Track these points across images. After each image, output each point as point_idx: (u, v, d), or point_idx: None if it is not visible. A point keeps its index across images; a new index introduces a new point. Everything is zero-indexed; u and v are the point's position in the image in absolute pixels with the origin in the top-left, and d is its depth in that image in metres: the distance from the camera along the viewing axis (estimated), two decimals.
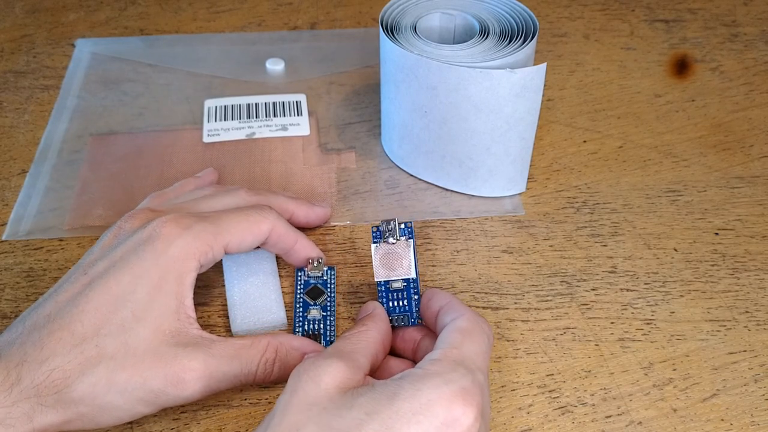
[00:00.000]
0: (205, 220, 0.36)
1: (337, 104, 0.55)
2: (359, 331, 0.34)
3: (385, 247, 0.37)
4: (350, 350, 0.32)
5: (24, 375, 0.30)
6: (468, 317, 0.33)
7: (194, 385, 0.32)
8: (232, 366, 0.33)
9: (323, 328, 0.38)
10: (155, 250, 0.34)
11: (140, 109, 0.54)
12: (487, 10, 0.46)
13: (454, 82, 0.41)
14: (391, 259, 0.36)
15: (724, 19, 0.64)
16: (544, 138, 0.51)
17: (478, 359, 0.31)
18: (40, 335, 0.31)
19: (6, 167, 0.49)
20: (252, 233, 0.37)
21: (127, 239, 0.35)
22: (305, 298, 0.40)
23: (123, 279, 0.33)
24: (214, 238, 0.35)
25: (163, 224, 0.34)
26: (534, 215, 0.46)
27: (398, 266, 0.36)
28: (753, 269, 0.42)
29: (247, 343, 0.34)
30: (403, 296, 0.37)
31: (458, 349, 0.31)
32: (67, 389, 0.30)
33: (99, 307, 0.32)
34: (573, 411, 0.36)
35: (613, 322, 0.40)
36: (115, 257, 0.34)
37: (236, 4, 0.66)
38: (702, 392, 0.36)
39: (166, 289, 0.33)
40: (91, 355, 0.31)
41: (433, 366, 0.30)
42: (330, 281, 0.41)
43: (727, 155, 0.50)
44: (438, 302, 0.35)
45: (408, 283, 0.37)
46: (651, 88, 0.56)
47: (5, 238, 0.44)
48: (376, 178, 0.49)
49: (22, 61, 0.59)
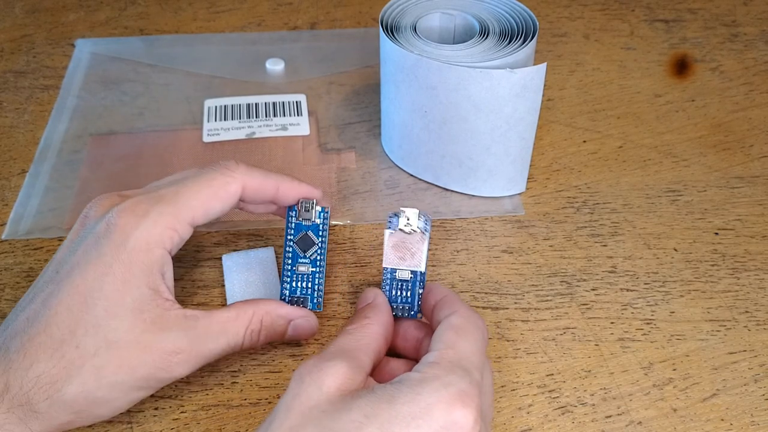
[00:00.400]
0: (161, 200, 0.34)
1: (337, 104, 0.55)
2: (361, 325, 0.33)
3: (399, 235, 0.36)
4: (353, 348, 0.31)
5: (12, 382, 0.30)
6: (461, 313, 0.32)
7: (183, 366, 0.32)
8: (218, 342, 0.33)
9: (311, 287, 0.37)
10: (114, 243, 0.32)
11: (140, 109, 0.54)
12: (487, 10, 0.46)
13: (454, 82, 0.41)
14: (404, 248, 0.36)
15: (724, 19, 0.64)
16: (544, 138, 0.51)
17: (474, 357, 0.31)
18: (21, 341, 0.31)
19: (6, 167, 0.49)
20: (219, 199, 0.35)
21: (89, 233, 0.33)
22: (295, 247, 0.38)
23: (88, 277, 0.32)
24: (175, 218, 0.34)
25: (119, 215, 0.33)
26: (534, 215, 0.46)
27: (409, 257, 0.36)
28: (753, 269, 0.42)
29: (232, 315, 0.34)
30: (407, 287, 0.36)
31: (453, 349, 0.30)
32: (58, 393, 0.30)
33: (71, 307, 0.31)
34: (573, 411, 0.36)
35: (613, 322, 0.40)
36: (78, 254, 0.33)
37: (236, 4, 0.66)
38: (702, 392, 0.36)
39: (135, 282, 0.32)
40: (73, 357, 0.31)
41: (431, 369, 0.29)
42: (323, 226, 0.38)
43: (727, 155, 0.50)
44: (435, 296, 0.35)
45: (415, 276, 0.36)
46: (651, 88, 0.56)
47: (5, 238, 0.44)
48: (376, 178, 0.49)
49: (22, 61, 0.59)
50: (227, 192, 0.35)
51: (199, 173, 0.36)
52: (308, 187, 0.38)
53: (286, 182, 0.37)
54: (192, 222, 0.35)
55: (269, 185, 0.37)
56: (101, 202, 0.35)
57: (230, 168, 0.36)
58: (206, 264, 0.43)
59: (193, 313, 0.33)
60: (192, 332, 0.33)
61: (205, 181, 0.35)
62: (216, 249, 0.43)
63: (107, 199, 0.35)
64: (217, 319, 0.34)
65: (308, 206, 0.38)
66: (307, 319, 0.37)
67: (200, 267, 0.42)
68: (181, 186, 0.35)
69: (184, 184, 0.35)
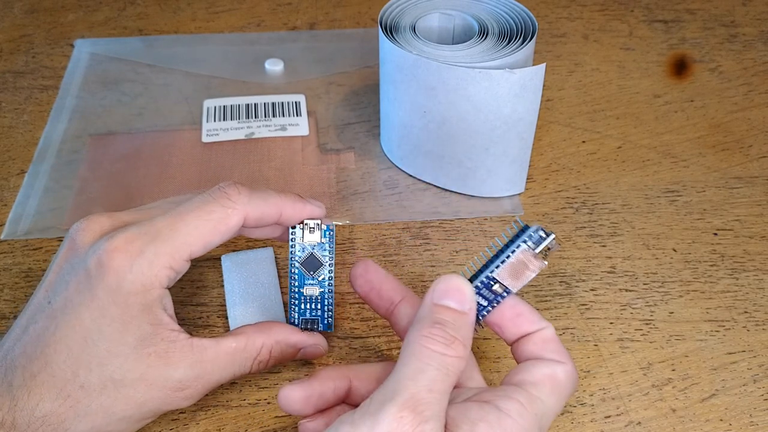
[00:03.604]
0: (157, 237, 0.31)
1: (337, 104, 0.55)
2: (456, 357, 0.28)
3: (529, 256, 0.31)
4: (442, 396, 0.28)
5: (19, 420, 0.29)
6: (568, 370, 0.30)
7: (189, 400, 0.32)
8: (225, 373, 0.33)
9: (320, 308, 0.36)
10: (108, 287, 0.30)
11: (139, 110, 0.54)
12: (486, 10, 0.46)
13: (453, 82, 0.41)
14: (522, 269, 0.32)
15: (723, 20, 0.64)
16: (543, 138, 0.51)
17: (551, 418, 0.29)
18: (23, 377, 0.30)
19: (5, 167, 0.49)
20: (218, 232, 0.32)
21: (79, 266, 0.31)
22: (301, 269, 0.35)
23: (84, 318, 0.30)
24: (171, 257, 0.31)
25: (110, 255, 0.30)
26: (533, 215, 0.46)
27: (513, 278, 0.32)
28: (752, 269, 0.42)
29: (240, 346, 0.33)
30: (490, 300, 0.32)
31: (543, 403, 0.28)
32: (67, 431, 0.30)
33: (71, 346, 0.30)
34: (572, 411, 0.36)
35: (612, 323, 0.40)
36: (71, 290, 0.31)
37: (235, 5, 0.66)
38: (701, 392, 0.36)
39: (135, 323, 0.31)
40: (79, 397, 0.30)
41: (522, 419, 0.28)
42: (329, 244, 0.36)
43: (726, 155, 0.50)
44: (534, 325, 0.31)
45: (505, 293, 0.32)
46: (650, 89, 0.56)
47: (4, 238, 0.44)
48: (375, 178, 0.49)
49: (21, 62, 0.59)
50: (227, 226, 0.33)
51: (197, 202, 0.33)
52: (312, 206, 0.35)
53: (288, 206, 0.34)
54: (189, 257, 0.32)
55: (272, 212, 0.34)
56: (89, 225, 0.33)
57: (231, 197, 0.33)
58: (205, 264, 0.43)
59: (200, 343, 0.32)
60: (199, 366, 0.31)
61: (204, 213, 0.32)
62: (215, 249, 0.43)
63: (95, 223, 0.33)
64: (225, 349, 0.32)
65: (312, 227, 0.35)
66: (317, 346, 0.36)
67: (199, 267, 0.42)
68: (178, 219, 0.32)
69: (182, 216, 0.32)
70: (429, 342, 0.28)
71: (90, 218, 0.33)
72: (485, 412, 0.28)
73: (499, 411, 0.28)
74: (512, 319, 0.32)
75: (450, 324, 0.29)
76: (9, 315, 0.40)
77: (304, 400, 0.31)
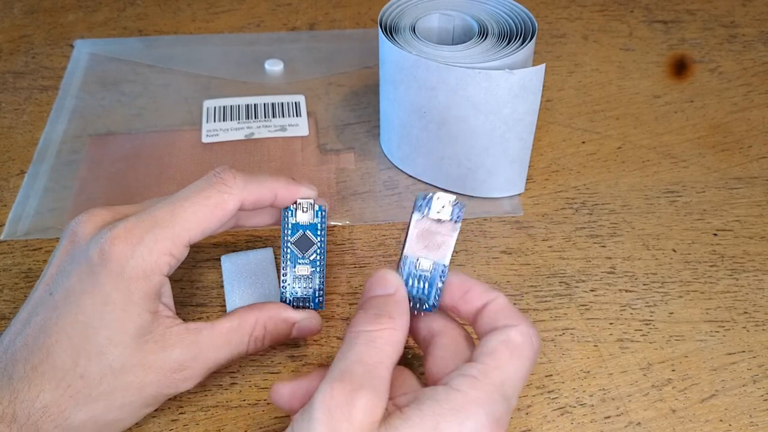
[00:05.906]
0: (156, 224, 0.32)
1: (336, 105, 0.55)
2: (382, 328, 0.29)
3: (428, 222, 0.32)
4: (376, 363, 0.28)
5: (19, 412, 0.30)
6: (522, 330, 0.30)
7: (188, 381, 0.33)
8: (222, 353, 0.33)
9: (312, 287, 0.36)
10: (111, 273, 0.31)
11: (139, 110, 0.54)
12: (486, 10, 0.46)
13: (453, 82, 0.41)
14: (431, 238, 0.32)
15: (723, 20, 0.64)
16: (542, 139, 0.51)
17: (519, 383, 0.29)
18: (24, 369, 0.30)
19: (4, 168, 0.49)
20: (216, 218, 0.33)
21: (81, 257, 0.32)
22: (293, 248, 0.36)
23: (86, 306, 0.31)
24: (171, 243, 0.32)
25: (112, 243, 0.31)
26: (533, 216, 0.46)
27: (434, 248, 0.32)
28: (752, 270, 0.42)
29: (234, 324, 0.34)
30: (426, 278, 0.33)
31: (501, 371, 0.28)
32: (67, 421, 0.30)
33: (72, 336, 0.31)
34: (572, 412, 0.36)
35: (612, 323, 0.40)
36: (73, 280, 0.32)
37: (235, 5, 0.66)
38: (701, 393, 0.36)
39: (136, 310, 0.31)
40: (79, 387, 0.30)
41: (474, 390, 0.27)
42: (321, 224, 0.36)
43: (726, 156, 0.50)
44: (483, 297, 0.32)
45: (437, 267, 0.33)
46: (650, 89, 0.56)
47: (4, 239, 0.44)
48: (375, 178, 0.49)
49: (20, 62, 0.59)
50: (224, 210, 0.34)
51: (194, 188, 0.34)
52: (305, 188, 0.36)
53: (282, 187, 0.35)
54: (188, 243, 0.33)
55: (267, 195, 0.35)
56: (90, 218, 0.33)
57: (227, 182, 0.34)
58: (205, 265, 0.43)
59: (196, 326, 0.33)
60: (195, 347, 0.32)
61: (202, 199, 0.33)
62: (214, 250, 0.43)
63: (96, 215, 0.34)
64: (219, 329, 0.33)
65: (305, 207, 0.36)
66: (311, 320, 0.36)
67: (199, 268, 0.42)
68: (176, 206, 0.33)
69: (179, 203, 0.33)
70: (353, 326, 0.30)
71: (91, 211, 0.34)
72: (434, 392, 0.28)
73: (448, 388, 0.28)
74: (462, 297, 0.32)
75: (374, 306, 0.30)
76: (9, 315, 0.40)
77: (290, 395, 0.32)
